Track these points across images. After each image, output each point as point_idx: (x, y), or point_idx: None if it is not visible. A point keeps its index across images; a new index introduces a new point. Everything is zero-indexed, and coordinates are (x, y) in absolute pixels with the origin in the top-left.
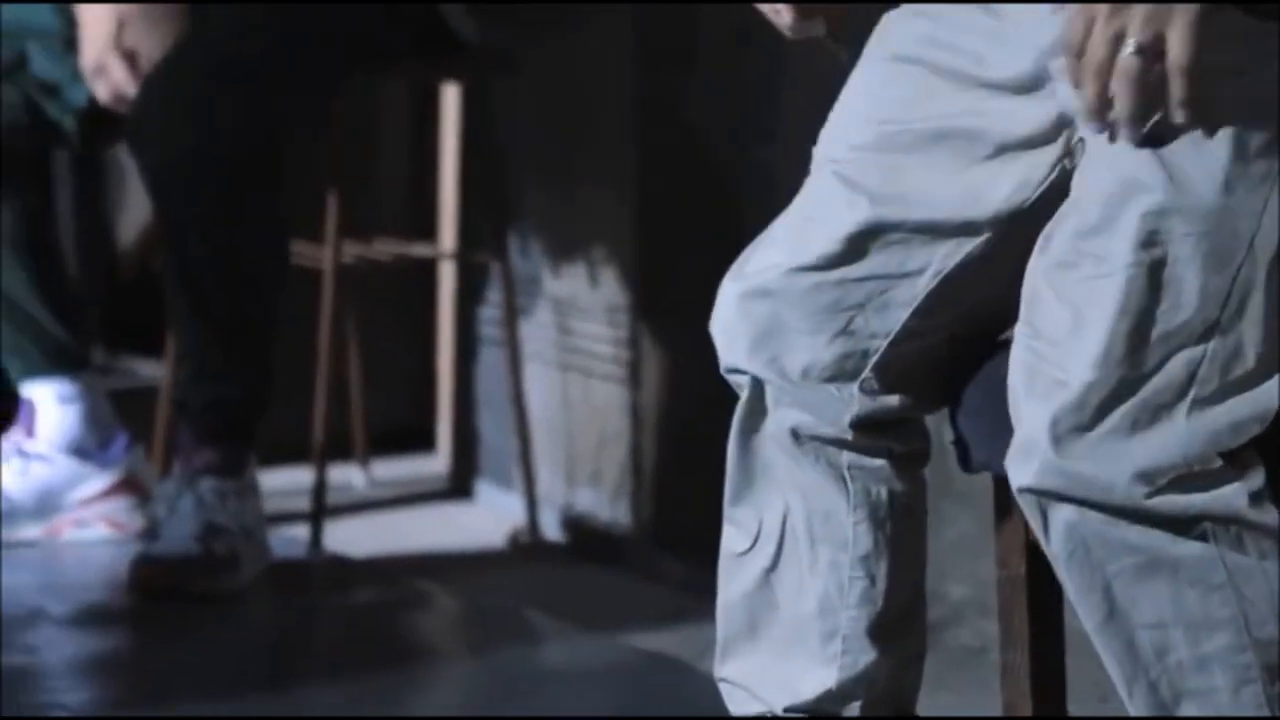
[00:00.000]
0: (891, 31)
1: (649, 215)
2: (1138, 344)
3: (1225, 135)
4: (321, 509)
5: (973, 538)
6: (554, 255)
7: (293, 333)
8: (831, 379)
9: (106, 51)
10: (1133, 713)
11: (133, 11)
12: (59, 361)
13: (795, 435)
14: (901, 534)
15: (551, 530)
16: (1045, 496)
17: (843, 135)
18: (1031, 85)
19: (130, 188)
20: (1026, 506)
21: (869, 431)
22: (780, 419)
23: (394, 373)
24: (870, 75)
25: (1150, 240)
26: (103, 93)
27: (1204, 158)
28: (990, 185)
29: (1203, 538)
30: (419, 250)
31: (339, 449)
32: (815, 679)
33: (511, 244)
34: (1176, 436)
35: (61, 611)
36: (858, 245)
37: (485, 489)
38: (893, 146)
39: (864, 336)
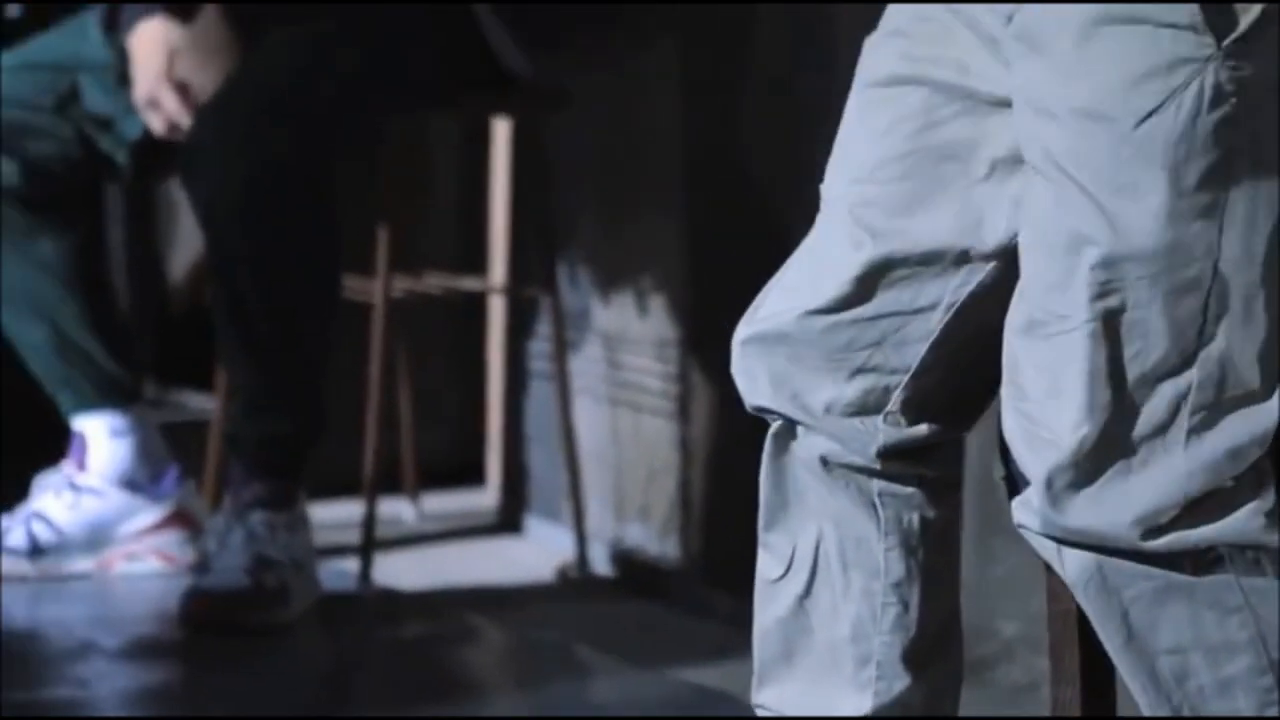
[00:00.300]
0: (872, 57)
1: (699, 249)
2: (1117, 393)
3: (1160, 174)
4: (371, 542)
5: (1023, 574)
6: (604, 289)
7: (343, 366)
8: (855, 414)
9: (159, 84)
10: None
11: (185, 43)
12: (110, 395)
13: (825, 462)
14: (935, 560)
15: (600, 564)
16: (1051, 540)
17: (844, 170)
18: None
19: (181, 221)
20: (1034, 541)
21: (898, 460)
22: (810, 446)
23: (444, 406)
24: (861, 105)
25: (1104, 291)
26: (156, 125)
27: (1141, 200)
28: (990, 210)
29: (1218, 562)
30: (469, 284)
31: (389, 482)
32: (850, 705)
33: (561, 278)
34: (1175, 475)
35: (112, 645)
36: (867, 284)
37: (534, 523)
38: (891, 176)
39: (884, 373)
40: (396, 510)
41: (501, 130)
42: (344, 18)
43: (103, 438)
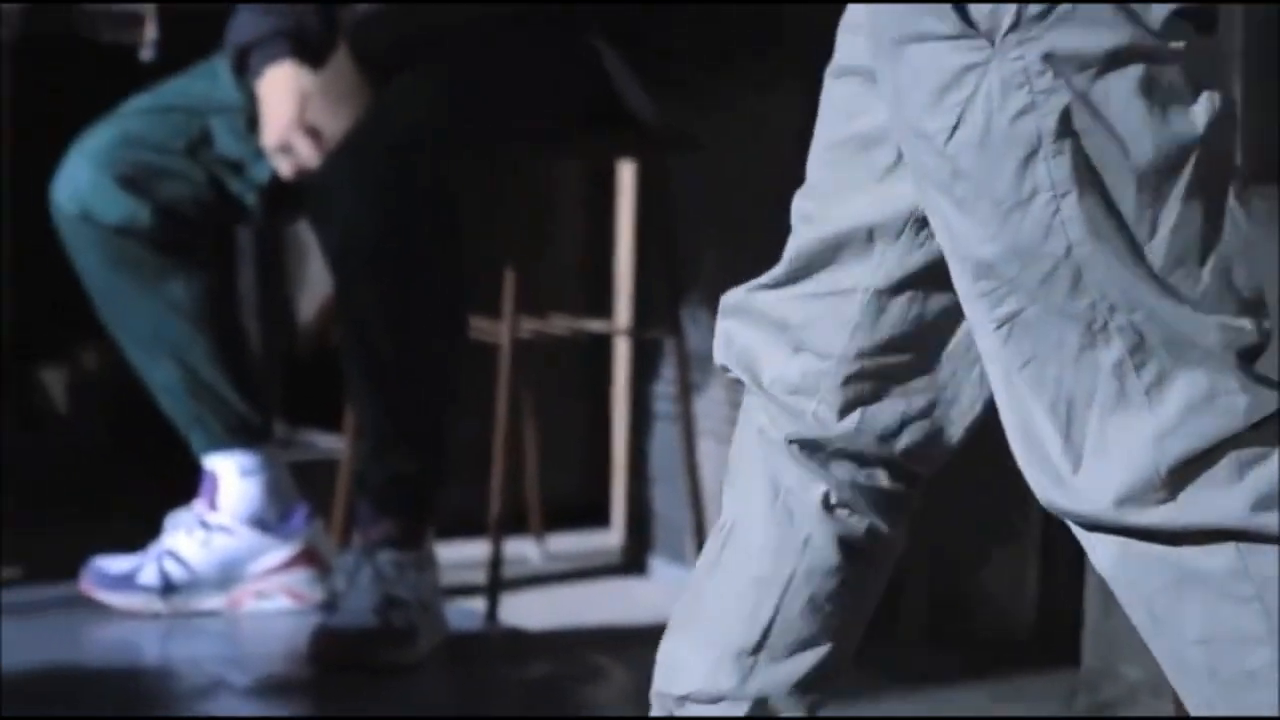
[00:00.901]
0: (836, 50)
1: None
2: (1061, 380)
3: (977, 183)
4: (497, 582)
5: None
6: None
7: (470, 407)
8: (794, 393)
9: (291, 129)
10: None
11: (315, 88)
12: (240, 434)
13: (760, 434)
14: (821, 579)
15: None
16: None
17: (809, 158)
18: None
19: (310, 263)
20: (1069, 524)
21: (809, 454)
22: (754, 412)
23: (569, 447)
24: (822, 97)
25: (996, 299)
26: (286, 169)
27: (971, 212)
28: (897, 191)
29: (1224, 546)
30: (594, 326)
31: (514, 523)
32: (681, 682)
33: (685, 320)
34: (1144, 442)
35: (243, 682)
36: (799, 267)
37: (659, 564)
38: (825, 163)
39: (819, 355)
40: (522, 550)
41: (626, 173)
42: (471, 62)
43: (233, 477)
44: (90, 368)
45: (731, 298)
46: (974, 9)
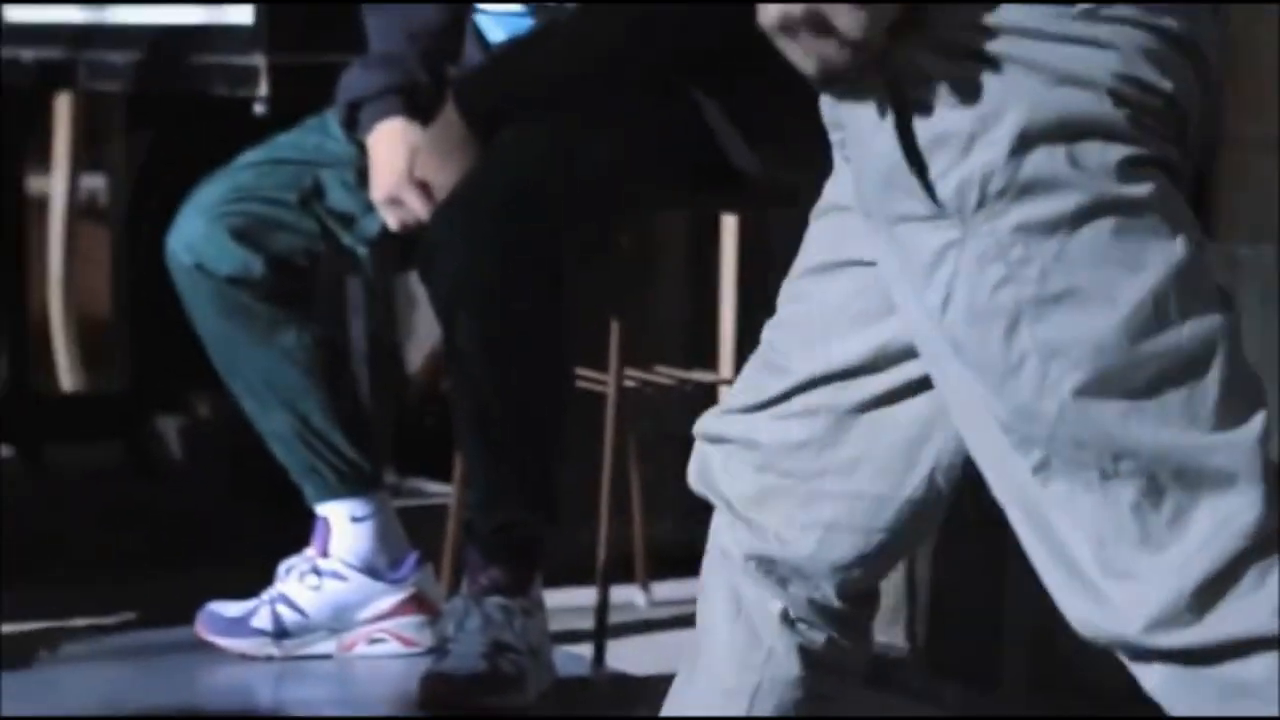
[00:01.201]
0: (830, 187)
1: None
2: (1093, 522)
3: (973, 355)
4: (604, 628)
5: None
6: None
7: (576, 456)
8: (759, 510)
9: (401, 184)
10: None
11: (425, 143)
12: (352, 482)
13: (724, 555)
14: (790, 689)
15: None
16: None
17: (782, 289)
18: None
19: (420, 312)
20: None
21: (769, 574)
22: (719, 534)
23: (674, 496)
24: (805, 236)
25: (1026, 450)
26: (395, 222)
27: (975, 384)
28: (858, 325)
29: (1259, 656)
30: (698, 376)
31: (621, 570)
32: None
33: None
34: (1168, 568)
35: None
36: (765, 400)
37: None
38: (798, 294)
39: (779, 473)
40: (628, 597)
41: (729, 225)
42: (575, 117)
43: (345, 524)
44: (205, 416)
45: (705, 421)
46: (940, 189)
